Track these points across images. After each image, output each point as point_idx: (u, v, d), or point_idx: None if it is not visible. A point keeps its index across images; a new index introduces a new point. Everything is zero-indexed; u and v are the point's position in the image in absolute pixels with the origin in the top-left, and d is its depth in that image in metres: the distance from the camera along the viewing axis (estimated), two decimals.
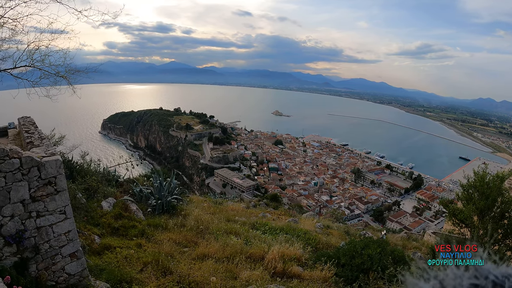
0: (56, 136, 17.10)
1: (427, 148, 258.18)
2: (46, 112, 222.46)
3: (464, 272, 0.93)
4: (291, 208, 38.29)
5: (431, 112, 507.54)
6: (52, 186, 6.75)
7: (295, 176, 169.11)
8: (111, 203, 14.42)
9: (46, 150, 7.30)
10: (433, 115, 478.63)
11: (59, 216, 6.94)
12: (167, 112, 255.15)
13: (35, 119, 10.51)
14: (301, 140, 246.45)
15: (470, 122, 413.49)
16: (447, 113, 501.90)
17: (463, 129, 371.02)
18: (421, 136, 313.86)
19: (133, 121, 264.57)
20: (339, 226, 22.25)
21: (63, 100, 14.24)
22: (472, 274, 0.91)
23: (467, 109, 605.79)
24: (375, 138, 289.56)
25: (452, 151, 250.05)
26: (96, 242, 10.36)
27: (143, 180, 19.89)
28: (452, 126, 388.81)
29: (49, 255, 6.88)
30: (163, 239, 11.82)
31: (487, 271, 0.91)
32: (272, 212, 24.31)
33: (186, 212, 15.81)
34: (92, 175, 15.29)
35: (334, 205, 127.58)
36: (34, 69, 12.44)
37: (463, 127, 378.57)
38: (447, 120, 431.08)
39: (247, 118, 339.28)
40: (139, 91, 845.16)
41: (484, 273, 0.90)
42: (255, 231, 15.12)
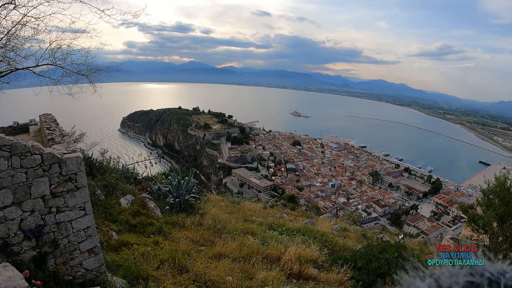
0: (76, 133, 17.32)
1: (447, 152, 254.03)
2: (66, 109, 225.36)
3: (459, 270, 0.93)
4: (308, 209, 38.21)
5: (451, 114, 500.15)
6: (72, 182, 6.82)
7: (313, 177, 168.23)
8: (130, 200, 14.53)
9: (67, 147, 7.38)
10: (453, 118, 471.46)
11: (78, 212, 7.01)
12: (185, 111, 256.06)
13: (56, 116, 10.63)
14: (319, 141, 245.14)
15: (490, 125, 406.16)
16: (467, 116, 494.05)
17: (483, 132, 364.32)
18: (440, 139, 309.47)
19: (152, 120, 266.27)
20: (356, 229, 22.11)
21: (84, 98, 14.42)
22: (468, 272, 0.91)
23: (487, 112, 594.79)
24: (394, 140, 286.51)
25: (472, 155, 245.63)
26: (114, 238, 10.44)
27: (162, 178, 20.03)
28: (472, 130, 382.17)
29: (68, 250, 6.96)
30: (180, 237, 11.86)
31: (483, 268, 0.90)
32: (289, 213, 24.27)
33: (204, 211, 15.86)
34: (111, 172, 15.45)
35: (351, 208, 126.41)
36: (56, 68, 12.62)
37: (483, 131, 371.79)
38: (467, 123, 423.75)
39: (266, 118, 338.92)
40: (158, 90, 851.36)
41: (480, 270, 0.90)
42: (272, 232, 15.12)
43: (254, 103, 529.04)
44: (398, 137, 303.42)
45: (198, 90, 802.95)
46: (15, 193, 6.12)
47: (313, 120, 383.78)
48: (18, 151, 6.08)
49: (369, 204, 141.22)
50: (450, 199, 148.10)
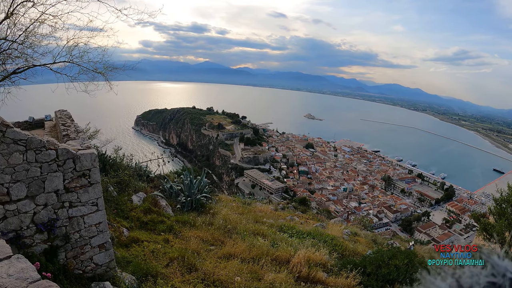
0: (91, 130, 17.45)
1: (461, 159, 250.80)
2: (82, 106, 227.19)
3: (481, 270, 0.92)
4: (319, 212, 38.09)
5: (466, 121, 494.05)
6: (86, 178, 6.92)
7: (325, 181, 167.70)
8: (141, 198, 14.64)
9: (81, 143, 7.47)
10: (468, 124, 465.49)
11: (91, 207, 7.11)
12: (199, 111, 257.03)
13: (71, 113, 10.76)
14: (332, 145, 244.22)
15: (506, 133, 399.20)
16: (483, 122, 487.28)
17: (498, 140, 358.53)
18: (454, 146, 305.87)
19: (166, 119, 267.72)
20: (366, 234, 21.95)
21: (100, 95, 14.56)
22: (489, 272, 0.90)
23: (503, 119, 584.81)
24: (408, 145, 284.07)
25: (486, 163, 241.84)
26: (125, 234, 10.53)
27: (174, 177, 20.14)
28: (487, 137, 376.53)
29: (79, 245, 7.05)
30: (190, 236, 11.90)
31: (505, 268, 0.89)
32: (300, 216, 24.20)
33: (215, 211, 15.89)
34: (124, 169, 15.57)
35: (362, 212, 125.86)
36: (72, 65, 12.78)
37: (499, 138, 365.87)
38: (482, 130, 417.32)
39: (279, 120, 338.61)
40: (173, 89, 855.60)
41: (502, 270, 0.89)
42: (282, 234, 15.08)
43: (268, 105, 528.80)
44: (412, 143, 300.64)
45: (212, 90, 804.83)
46: (29, 187, 6.21)
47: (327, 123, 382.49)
48: (34, 146, 6.17)
49: (381, 210, 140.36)
50: (463, 207, 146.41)
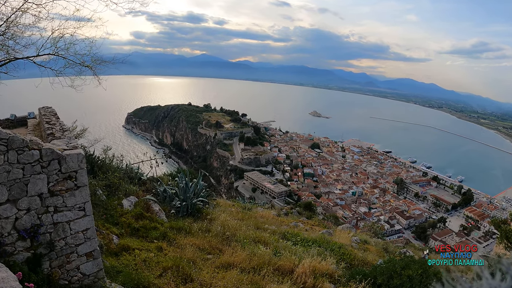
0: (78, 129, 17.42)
1: (480, 160, 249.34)
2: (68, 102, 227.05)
3: (500, 283, 0.92)
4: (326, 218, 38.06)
5: (486, 119, 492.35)
6: (72, 181, 6.89)
7: (332, 184, 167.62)
8: (132, 202, 14.65)
9: (67, 142, 7.47)
10: (488, 122, 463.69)
11: (77, 212, 7.07)
12: (196, 108, 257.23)
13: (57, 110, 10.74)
14: (340, 145, 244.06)
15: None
16: (504, 121, 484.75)
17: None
18: (473, 146, 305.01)
19: (159, 116, 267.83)
20: (377, 241, 21.95)
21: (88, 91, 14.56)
22: (509, 285, 0.91)
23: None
24: (422, 145, 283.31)
25: (507, 165, 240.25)
26: (114, 242, 10.54)
27: (168, 179, 20.12)
28: (508, 136, 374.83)
29: (64, 253, 7.03)
30: (185, 244, 11.92)
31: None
32: (304, 222, 24.23)
33: (212, 216, 15.91)
34: (114, 171, 15.55)
35: (372, 218, 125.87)
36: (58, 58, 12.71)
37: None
38: (503, 128, 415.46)
39: (282, 118, 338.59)
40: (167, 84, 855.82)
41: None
42: (286, 242, 15.10)
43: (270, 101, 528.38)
44: (427, 143, 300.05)
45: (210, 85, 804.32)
46: (10, 190, 6.20)
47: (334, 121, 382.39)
48: (15, 146, 6.16)
49: (393, 215, 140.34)
50: (482, 212, 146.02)
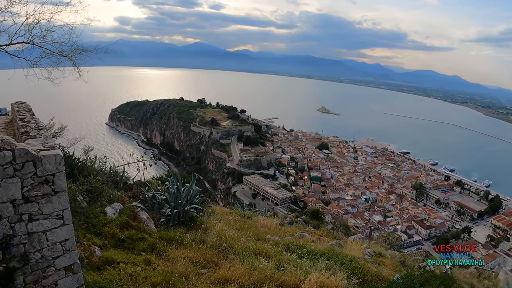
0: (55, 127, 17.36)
1: (509, 162, 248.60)
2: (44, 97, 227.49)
3: None
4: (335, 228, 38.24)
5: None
6: (49, 185, 6.77)
7: (342, 189, 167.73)
8: (117, 210, 14.59)
9: (44, 142, 7.40)
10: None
11: (55, 221, 6.95)
12: (189, 104, 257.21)
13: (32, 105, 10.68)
14: (352, 145, 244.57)
15: None
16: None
17: None
18: (501, 146, 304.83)
19: (147, 113, 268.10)
20: (393, 254, 21.97)
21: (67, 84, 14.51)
22: None
23: None
24: (444, 146, 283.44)
25: None
26: (97, 254, 10.50)
27: (157, 184, 20.10)
28: None
29: (40, 267, 6.92)
30: (177, 257, 11.87)
31: None
32: (311, 232, 24.29)
33: (207, 226, 15.89)
34: (96, 174, 15.49)
35: (388, 228, 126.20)
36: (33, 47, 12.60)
37: None
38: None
39: (286, 115, 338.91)
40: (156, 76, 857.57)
41: None
42: (290, 254, 15.08)
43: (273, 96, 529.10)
44: (449, 142, 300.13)
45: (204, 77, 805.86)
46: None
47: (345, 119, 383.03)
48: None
49: (411, 225, 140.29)
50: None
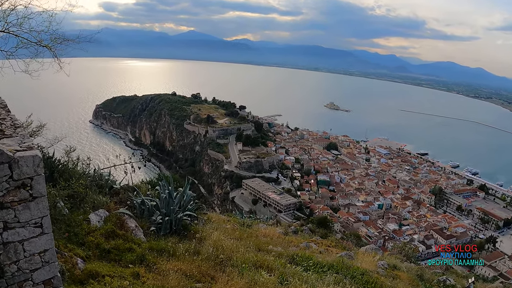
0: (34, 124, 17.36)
1: None
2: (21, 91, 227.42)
3: None
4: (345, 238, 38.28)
5: None
6: (26, 190, 6.70)
7: (353, 194, 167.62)
8: (102, 217, 14.60)
9: (21, 142, 7.37)
10: None
11: (33, 229, 6.90)
12: (182, 99, 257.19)
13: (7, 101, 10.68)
14: (364, 145, 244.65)
15: None
16: None
17: None
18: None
19: (135, 109, 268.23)
20: (409, 267, 22.01)
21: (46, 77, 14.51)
22: None
23: None
24: (466, 146, 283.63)
25: None
26: (79, 267, 10.49)
27: (147, 188, 20.12)
28: None
29: (17, 281, 6.88)
30: (168, 269, 11.86)
31: None
32: (318, 242, 24.30)
33: (202, 235, 15.86)
34: (79, 178, 15.47)
35: (404, 238, 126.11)
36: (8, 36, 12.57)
37: None
38: None
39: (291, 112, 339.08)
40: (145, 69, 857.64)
41: None
42: (294, 267, 15.08)
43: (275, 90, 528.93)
44: (472, 142, 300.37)
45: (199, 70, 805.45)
46: None
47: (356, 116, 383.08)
48: None
49: (429, 234, 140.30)
50: None
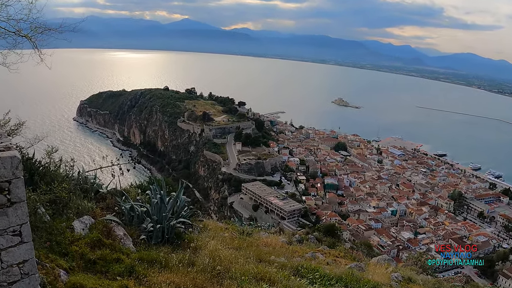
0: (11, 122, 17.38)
1: None
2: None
3: None
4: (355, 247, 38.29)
5: None
6: (4, 194, 6.70)
7: (364, 200, 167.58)
8: (87, 224, 14.59)
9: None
10: None
11: (11, 238, 6.91)
12: (175, 95, 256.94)
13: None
14: (376, 145, 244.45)
15: None
16: None
17: None
18: None
19: (124, 106, 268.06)
20: (426, 279, 22.05)
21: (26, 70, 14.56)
22: None
23: None
24: (488, 147, 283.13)
25: None
26: (62, 279, 10.49)
27: (136, 193, 20.10)
28: None
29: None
30: (160, 282, 11.87)
31: None
32: (325, 252, 24.35)
33: (198, 244, 15.87)
34: (61, 181, 15.49)
35: (420, 247, 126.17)
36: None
37: None
38: None
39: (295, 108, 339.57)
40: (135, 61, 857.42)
41: None
42: (299, 279, 15.09)
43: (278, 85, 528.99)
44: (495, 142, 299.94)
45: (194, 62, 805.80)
46: None
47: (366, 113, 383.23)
48: None
49: (448, 243, 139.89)
50: None
